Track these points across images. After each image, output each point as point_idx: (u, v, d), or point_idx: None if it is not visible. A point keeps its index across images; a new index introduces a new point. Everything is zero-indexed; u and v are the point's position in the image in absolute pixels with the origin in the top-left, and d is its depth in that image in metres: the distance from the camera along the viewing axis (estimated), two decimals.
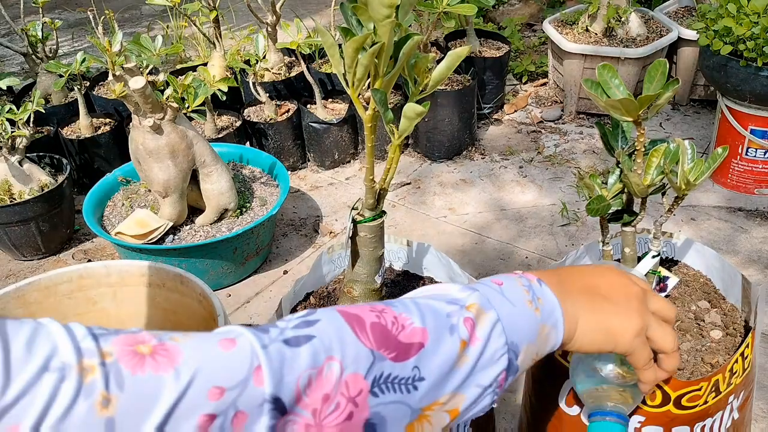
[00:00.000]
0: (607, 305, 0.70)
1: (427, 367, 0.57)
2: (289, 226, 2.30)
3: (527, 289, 0.66)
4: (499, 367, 0.61)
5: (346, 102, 2.57)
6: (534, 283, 0.67)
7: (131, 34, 3.80)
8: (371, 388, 0.54)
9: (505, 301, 0.63)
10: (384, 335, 0.56)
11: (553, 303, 0.66)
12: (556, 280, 0.70)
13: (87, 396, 0.42)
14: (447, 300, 0.62)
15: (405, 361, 0.56)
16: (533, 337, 0.64)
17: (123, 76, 1.72)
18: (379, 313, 0.58)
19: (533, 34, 3.56)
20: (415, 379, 0.57)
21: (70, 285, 1.22)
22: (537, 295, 0.66)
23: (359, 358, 0.54)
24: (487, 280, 0.67)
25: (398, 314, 0.59)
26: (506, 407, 1.56)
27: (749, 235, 2.14)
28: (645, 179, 0.95)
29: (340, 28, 0.79)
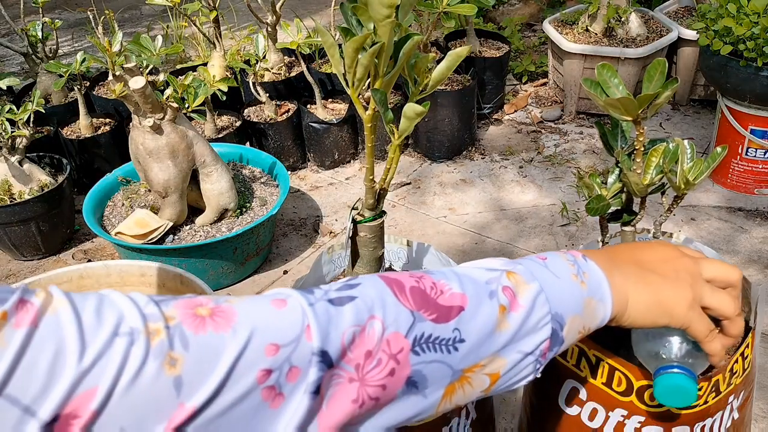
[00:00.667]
0: (655, 278, 0.69)
1: (467, 330, 0.59)
2: (289, 226, 2.30)
3: (572, 263, 0.66)
4: (543, 335, 0.62)
5: (346, 102, 2.57)
6: (579, 258, 0.68)
7: (131, 34, 3.80)
8: (412, 347, 0.56)
9: (549, 273, 0.64)
10: (424, 298, 0.58)
11: (599, 277, 0.67)
12: (604, 256, 0.70)
13: (155, 357, 0.45)
14: (487, 268, 0.64)
15: (446, 323, 0.58)
16: (579, 310, 0.64)
17: (123, 76, 1.72)
18: (418, 279, 0.60)
19: (533, 34, 3.56)
20: (456, 340, 0.58)
21: (70, 285, 1.22)
22: (582, 269, 0.66)
23: (400, 318, 0.56)
24: (532, 256, 0.67)
25: (437, 280, 0.60)
26: (506, 407, 1.56)
27: (749, 235, 2.14)
28: (644, 179, 0.95)
29: (340, 28, 0.79)
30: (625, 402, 1.00)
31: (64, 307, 0.44)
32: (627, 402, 1.00)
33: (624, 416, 1.02)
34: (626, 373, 0.98)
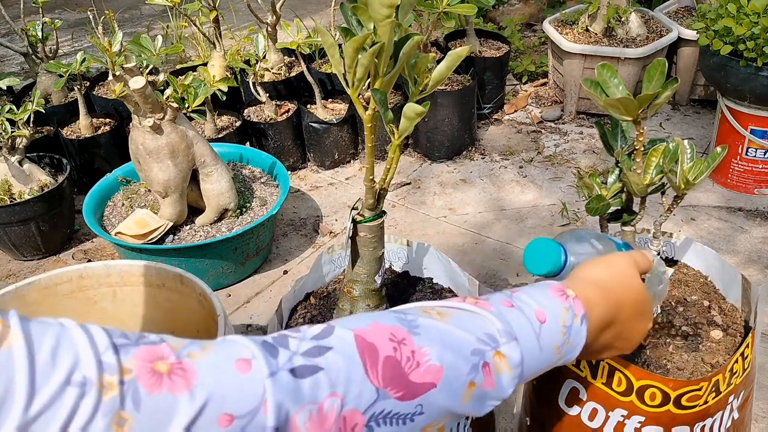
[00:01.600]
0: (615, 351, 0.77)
1: (430, 405, 0.57)
2: (289, 226, 2.30)
3: (565, 331, 0.67)
4: (501, 397, 0.63)
5: (346, 102, 2.57)
6: (576, 322, 0.68)
7: (131, 34, 3.80)
8: (367, 422, 0.54)
9: (535, 346, 0.64)
10: (395, 373, 0.55)
11: (577, 345, 0.69)
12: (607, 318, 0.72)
13: (105, 415, 0.43)
14: (481, 336, 0.61)
15: (411, 400, 0.56)
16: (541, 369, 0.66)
17: (123, 76, 1.72)
18: (398, 344, 0.57)
19: (533, 34, 3.56)
20: (415, 414, 0.57)
21: (70, 285, 1.22)
22: (570, 338, 0.67)
23: (362, 396, 0.54)
24: (533, 308, 0.66)
25: (417, 348, 0.57)
26: (506, 407, 1.56)
27: (749, 235, 2.14)
28: (644, 178, 0.95)
29: (340, 28, 0.79)
30: (625, 402, 1.00)
31: (18, 344, 0.42)
32: (627, 402, 1.00)
33: (624, 416, 1.02)
34: (626, 373, 0.98)
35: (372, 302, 1.06)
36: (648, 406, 0.98)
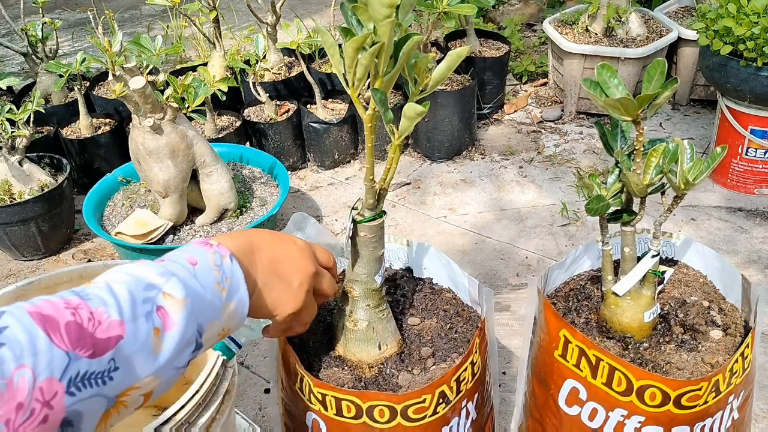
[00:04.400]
0: (281, 285, 0.80)
1: (123, 358, 0.59)
2: None
3: (218, 268, 0.71)
4: (191, 348, 0.66)
5: (346, 102, 2.57)
6: (226, 260, 0.72)
7: (131, 34, 3.80)
8: (67, 389, 0.55)
9: (197, 285, 0.68)
10: (80, 334, 0.57)
11: (238, 281, 0.72)
12: (247, 247, 0.77)
13: None
14: (144, 285, 0.64)
15: (102, 356, 0.58)
16: (218, 315, 0.70)
17: (123, 76, 1.72)
18: (75, 309, 0.58)
19: (533, 34, 3.56)
20: (111, 370, 0.58)
21: (70, 285, 1.22)
22: (226, 274, 0.71)
23: (53, 363, 0.54)
24: (183, 258, 0.70)
25: (95, 309, 0.59)
26: (506, 407, 1.56)
27: (749, 235, 2.14)
28: (644, 179, 0.95)
29: (340, 28, 0.79)
30: (625, 402, 1.00)
31: None
32: (627, 402, 1.00)
33: (624, 416, 1.02)
34: (626, 373, 0.98)
35: (372, 302, 1.06)
36: (648, 406, 0.98)
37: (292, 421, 1.11)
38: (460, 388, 1.01)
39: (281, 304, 0.81)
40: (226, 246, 0.74)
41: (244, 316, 0.75)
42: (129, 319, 0.60)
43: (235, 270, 0.73)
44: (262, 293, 0.78)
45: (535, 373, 1.17)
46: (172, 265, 0.68)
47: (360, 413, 0.98)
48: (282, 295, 0.81)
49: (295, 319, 0.85)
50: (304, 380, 1.02)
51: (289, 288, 0.82)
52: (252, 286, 0.77)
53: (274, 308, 0.80)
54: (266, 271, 0.79)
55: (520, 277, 2.00)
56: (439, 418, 1.00)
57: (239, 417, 1.18)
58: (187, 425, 0.91)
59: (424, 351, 1.10)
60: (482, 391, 1.11)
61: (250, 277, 0.76)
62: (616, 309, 1.09)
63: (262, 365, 1.75)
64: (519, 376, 1.26)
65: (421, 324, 1.16)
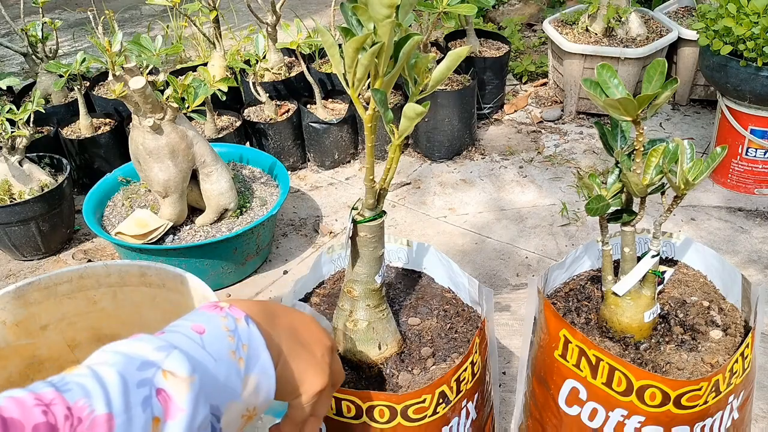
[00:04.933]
0: (305, 354, 0.67)
1: None
2: (289, 226, 2.30)
3: (232, 334, 0.59)
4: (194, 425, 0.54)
5: (346, 102, 2.57)
6: (241, 323, 0.60)
7: (131, 34, 3.80)
8: None
9: (207, 357, 0.56)
10: None
11: (258, 347, 0.60)
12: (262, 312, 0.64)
13: None
14: (139, 364, 0.53)
15: None
16: (237, 393, 0.57)
17: (123, 76, 1.72)
18: (47, 407, 0.47)
19: (533, 34, 3.56)
20: None
21: (70, 285, 1.22)
22: (242, 341, 0.59)
23: None
24: (187, 326, 0.58)
25: (73, 403, 0.48)
26: (506, 407, 1.56)
27: (749, 235, 2.14)
28: (644, 179, 0.95)
29: (340, 28, 0.79)
30: (625, 402, 1.00)
31: None
32: (627, 402, 1.00)
33: (624, 416, 1.02)
34: (626, 373, 0.98)
35: (372, 302, 1.06)
36: (648, 406, 0.99)
37: None
38: (460, 388, 1.02)
39: (309, 378, 0.66)
40: (239, 308, 0.62)
41: (272, 392, 0.61)
42: (120, 410, 0.49)
43: (254, 334, 0.60)
44: (288, 363, 0.64)
45: (535, 373, 1.17)
46: (173, 336, 0.57)
47: (360, 413, 0.98)
48: (309, 367, 0.66)
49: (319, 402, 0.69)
50: None
51: (314, 359, 0.67)
52: (276, 354, 0.63)
53: (301, 382, 0.66)
54: (288, 338, 0.66)
55: (520, 277, 2.00)
56: (439, 418, 1.00)
57: None
58: None
59: (424, 351, 1.10)
60: (482, 391, 1.11)
61: (273, 343, 0.63)
62: (616, 309, 1.09)
63: None
64: (519, 376, 1.26)
65: (421, 324, 1.16)
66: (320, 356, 0.68)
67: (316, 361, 0.67)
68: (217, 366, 0.56)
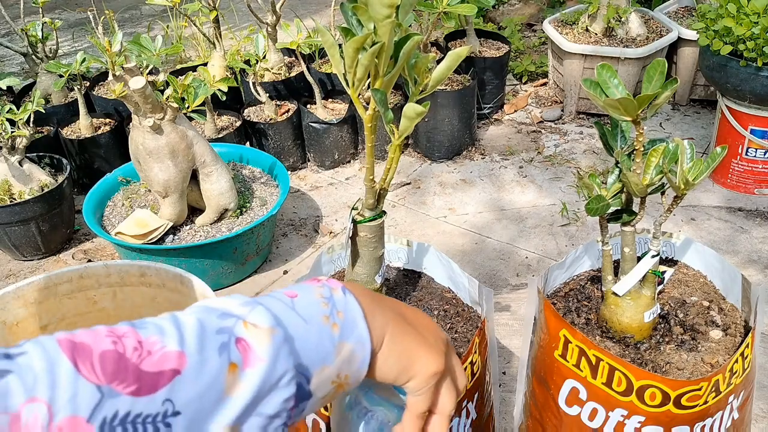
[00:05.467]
0: (415, 333, 0.62)
1: (183, 398, 0.47)
2: (289, 226, 2.30)
3: (326, 301, 0.57)
4: (287, 392, 0.52)
5: (346, 102, 2.57)
6: (337, 293, 0.58)
7: (131, 34, 3.80)
8: None
9: (295, 317, 0.54)
10: (120, 365, 0.46)
11: (355, 316, 0.57)
12: (366, 292, 0.61)
13: None
14: (220, 314, 0.52)
15: (152, 394, 0.46)
16: (330, 358, 0.55)
17: (123, 76, 1.72)
18: (118, 338, 0.47)
19: (533, 34, 3.56)
20: (167, 414, 0.46)
21: (70, 285, 1.22)
22: (338, 308, 0.57)
23: (78, 398, 0.43)
24: (280, 292, 0.57)
25: (145, 338, 0.48)
26: (506, 407, 1.56)
27: (749, 235, 2.14)
28: (644, 179, 0.95)
29: (341, 28, 0.79)
30: (625, 402, 1.00)
31: None
32: (627, 402, 1.00)
33: (624, 416, 1.02)
34: (626, 373, 0.98)
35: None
36: (648, 406, 0.99)
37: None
38: None
39: (420, 358, 0.61)
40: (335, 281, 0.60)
41: (365, 363, 0.58)
42: (194, 350, 0.48)
43: (350, 303, 0.58)
44: (395, 338, 0.60)
45: (535, 373, 1.17)
46: (263, 298, 0.55)
47: None
48: (419, 347, 0.61)
49: (438, 393, 0.63)
50: None
51: (426, 341, 0.62)
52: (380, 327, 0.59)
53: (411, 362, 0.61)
54: (394, 317, 0.61)
55: (520, 277, 2.00)
56: None
57: None
58: None
59: None
60: (482, 391, 1.11)
61: (375, 317, 0.59)
62: (616, 309, 1.09)
63: None
64: (519, 376, 1.26)
65: None
66: (433, 341, 0.63)
67: (429, 343, 0.62)
68: (308, 327, 0.54)
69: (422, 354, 0.61)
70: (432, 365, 0.61)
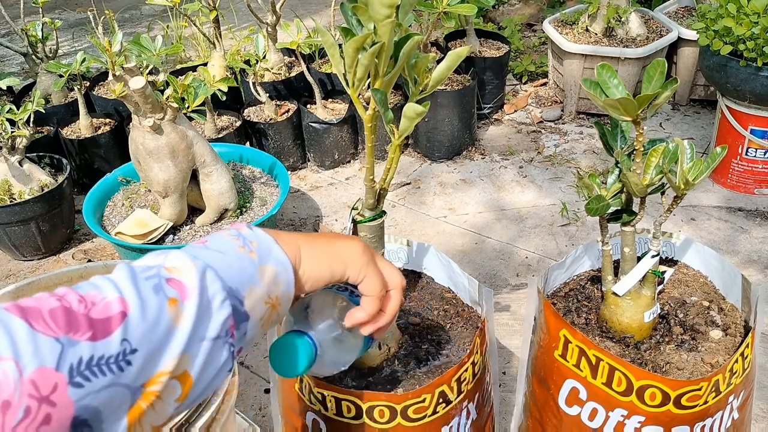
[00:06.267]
0: (324, 236, 0.70)
1: (137, 336, 0.51)
2: (289, 226, 2.30)
3: (236, 237, 0.62)
4: (223, 313, 0.57)
5: (346, 102, 2.57)
6: (244, 230, 0.64)
7: (131, 34, 3.80)
8: (70, 379, 0.47)
9: (212, 252, 0.60)
10: (70, 317, 0.49)
11: (268, 242, 0.63)
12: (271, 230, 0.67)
13: None
14: (143, 268, 0.56)
15: (107, 337, 0.49)
16: (255, 280, 0.60)
17: (123, 76, 1.72)
18: (60, 297, 0.51)
19: (533, 34, 3.56)
20: (127, 352, 0.50)
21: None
22: (249, 239, 0.63)
23: (41, 350, 0.46)
24: (191, 244, 0.62)
25: (84, 294, 0.52)
26: (506, 407, 1.56)
27: (749, 235, 2.14)
28: (644, 179, 0.95)
29: (341, 28, 0.79)
30: (625, 402, 1.00)
31: None
32: (627, 402, 1.00)
33: (624, 416, 1.02)
34: (626, 373, 0.98)
35: None
36: (648, 406, 0.99)
37: (292, 421, 1.11)
38: (461, 389, 1.02)
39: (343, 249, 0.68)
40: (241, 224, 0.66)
41: (291, 284, 0.64)
42: (132, 295, 0.52)
43: (260, 234, 0.64)
44: (312, 247, 0.66)
45: (535, 373, 1.17)
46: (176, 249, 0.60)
47: (360, 413, 0.98)
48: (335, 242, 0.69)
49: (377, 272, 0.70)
50: (304, 380, 1.02)
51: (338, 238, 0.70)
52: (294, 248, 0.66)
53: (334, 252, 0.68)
54: (299, 234, 0.68)
55: (520, 277, 2.00)
56: (439, 417, 1.00)
57: (239, 417, 1.18)
58: (186, 425, 0.91)
59: (424, 351, 1.10)
60: (482, 391, 1.11)
61: (286, 241, 0.65)
62: (616, 309, 1.09)
63: (262, 365, 1.75)
64: (519, 376, 1.26)
65: (422, 324, 1.16)
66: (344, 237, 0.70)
67: (340, 236, 0.69)
68: (226, 257, 0.60)
69: (340, 243, 0.69)
70: (354, 246, 0.69)
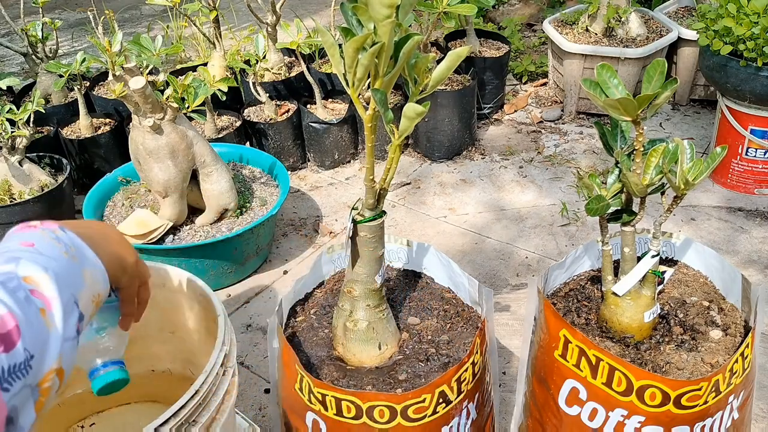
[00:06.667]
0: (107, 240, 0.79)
1: (31, 345, 0.60)
2: (289, 226, 2.30)
3: (58, 241, 0.69)
4: (75, 315, 0.66)
5: (346, 102, 2.57)
6: (58, 233, 0.71)
7: (131, 34, 3.80)
8: (1, 386, 0.56)
9: (49, 259, 0.67)
10: None
11: (81, 246, 0.72)
12: (67, 223, 0.75)
13: None
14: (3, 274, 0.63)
15: (14, 348, 0.58)
16: (81, 283, 0.69)
17: (123, 76, 1.73)
18: None
19: (533, 34, 3.56)
20: (29, 359, 0.59)
21: None
22: (68, 244, 0.70)
23: None
24: (16, 245, 0.68)
25: None
26: (506, 407, 1.56)
27: (749, 235, 2.14)
28: (644, 179, 0.95)
29: (341, 28, 0.79)
30: (625, 402, 1.00)
31: None
32: (627, 402, 1.00)
33: (624, 416, 1.02)
34: (626, 373, 0.98)
35: (372, 302, 1.06)
36: (648, 406, 0.99)
37: (292, 421, 1.11)
38: (461, 389, 1.02)
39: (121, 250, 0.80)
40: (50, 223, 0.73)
41: (106, 278, 0.74)
42: (14, 308, 0.60)
43: (74, 239, 0.72)
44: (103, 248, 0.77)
45: (535, 373, 1.17)
46: (9, 253, 0.66)
47: (360, 413, 0.98)
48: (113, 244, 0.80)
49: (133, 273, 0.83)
50: (304, 380, 1.02)
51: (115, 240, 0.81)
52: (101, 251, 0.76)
53: (118, 257, 0.79)
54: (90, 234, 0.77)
55: (520, 277, 2.00)
56: (439, 417, 1.00)
57: (239, 417, 1.18)
58: (187, 425, 0.91)
59: (424, 351, 1.10)
60: (482, 391, 1.11)
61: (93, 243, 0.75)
62: (616, 309, 1.09)
63: (262, 365, 1.75)
64: (519, 376, 1.26)
65: (421, 324, 1.16)
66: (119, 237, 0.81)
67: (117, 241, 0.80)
68: (59, 264, 0.67)
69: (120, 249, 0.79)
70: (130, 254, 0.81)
